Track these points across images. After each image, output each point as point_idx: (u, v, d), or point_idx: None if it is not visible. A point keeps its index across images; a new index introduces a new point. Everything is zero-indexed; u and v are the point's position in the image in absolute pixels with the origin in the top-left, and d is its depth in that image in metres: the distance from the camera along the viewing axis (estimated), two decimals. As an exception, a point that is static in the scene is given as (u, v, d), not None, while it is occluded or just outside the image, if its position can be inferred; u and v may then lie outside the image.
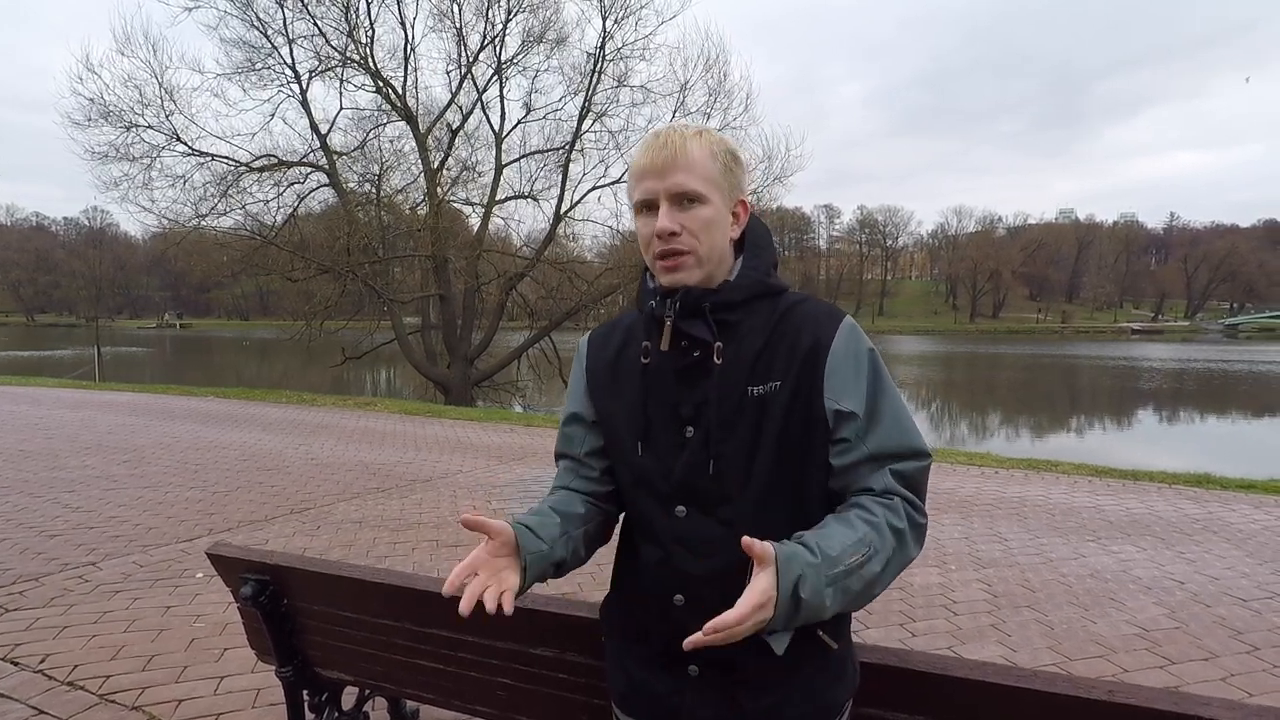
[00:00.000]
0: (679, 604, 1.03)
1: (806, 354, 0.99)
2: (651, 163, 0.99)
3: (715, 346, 1.00)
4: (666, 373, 1.04)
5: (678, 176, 0.98)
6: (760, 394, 0.99)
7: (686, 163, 0.98)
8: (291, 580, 1.83)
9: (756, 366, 1.00)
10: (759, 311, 1.04)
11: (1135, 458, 9.87)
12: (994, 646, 3.18)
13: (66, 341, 50.98)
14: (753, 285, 1.04)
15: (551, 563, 1.01)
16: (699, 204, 0.99)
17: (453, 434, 8.89)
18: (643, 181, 1.00)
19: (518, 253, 18.43)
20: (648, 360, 1.06)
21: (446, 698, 1.78)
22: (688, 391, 1.02)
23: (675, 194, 0.98)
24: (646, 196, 1.00)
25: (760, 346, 1.01)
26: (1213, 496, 5.84)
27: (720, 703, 1.03)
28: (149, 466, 6.78)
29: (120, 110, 14.31)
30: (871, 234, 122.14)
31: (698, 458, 1.01)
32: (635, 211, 1.04)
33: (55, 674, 2.86)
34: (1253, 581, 3.95)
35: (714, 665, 1.03)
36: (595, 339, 1.19)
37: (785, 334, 1.01)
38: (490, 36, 16.28)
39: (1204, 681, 2.87)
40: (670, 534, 1.03)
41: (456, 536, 4.75)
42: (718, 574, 0.99)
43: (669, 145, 0.98)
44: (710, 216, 1.00)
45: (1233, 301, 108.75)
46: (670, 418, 1.03)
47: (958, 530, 4.89)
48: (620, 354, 1.12)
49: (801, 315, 1.03)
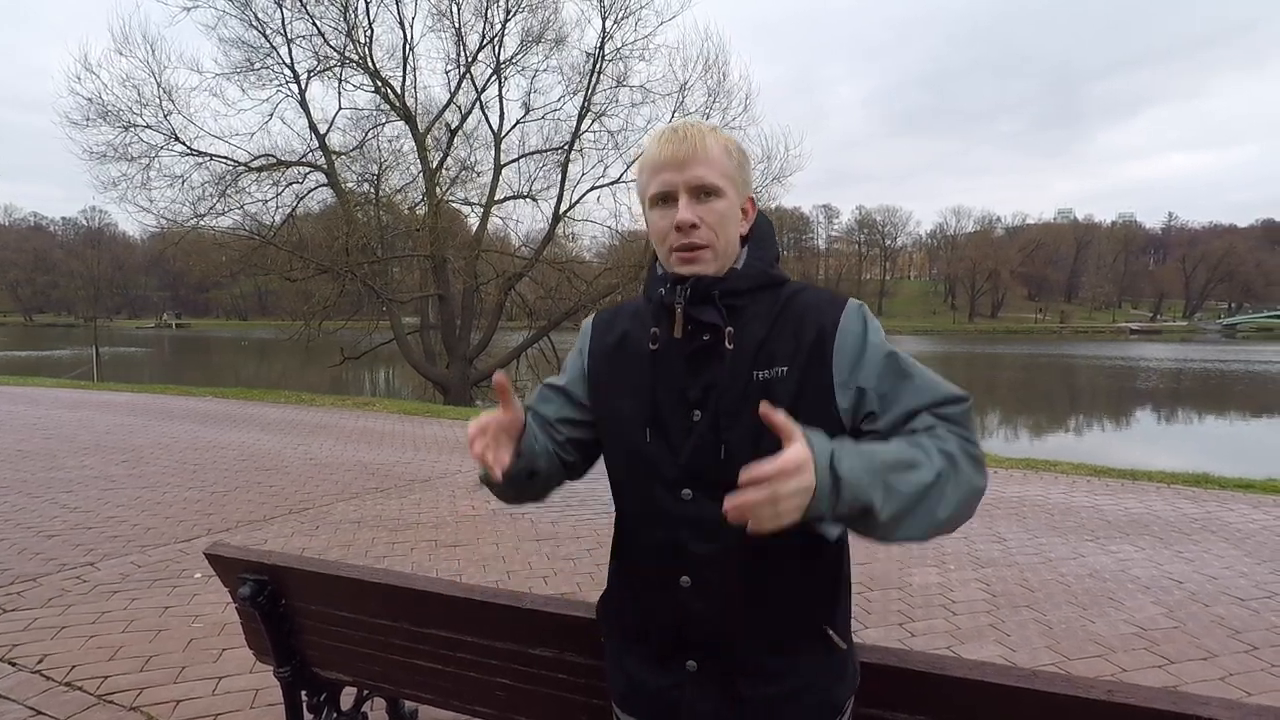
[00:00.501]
0: (685, 586, 1.03)
1: (813, 340, 1.00)
2: (672, 155, 0.99)
3: (726, 331, 1.02)
4: (675, 358, 1.05)
5: (697, 170, 0.99)
6: (765, 378, 1.00)
7: (705, 157, 0.99)
8: (290, 580, 1.83)
9: (761, 352, 1.01)
10: (762, 300, 1.05)
11: (1133, 458, 9.87)
12: (993, 646, 3.18)
13: (65, 341, 50.93)
14: (758, 275, 1.06)
15: (532, 467, 1.04)
16: (716, 197, 1.01)
17: (451, 434, 8.88)
18: (660, 174, 1.01)
19: (516, 253, 18.44)
20: (656, 346, 1.07)
21: (445, 698, 1.78)
22: (695, 376, 1.03)
23: (694, 187, 1.00)
24: (664, 189, 1.01)
25: (764, 333, 1.02)
26: (1211, 496, 5.85)
27: (720, 696, 1.04)
28: (147, 466, 6.77)
29: (118, 110, 14.32)
30: (870, 234, 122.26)
31: (705, 440, 1.01)
32: (649, 204, 1.05)
33: (53, 674, 2.85)
34: (1251, 581, 3.95)
35: (713, 659, 1.04)
36: (599, 323, 1.18)
37: (788, 320, 1.03)
38: (489, 36, 16.30)
39: (1202, 681, 2.87)
40: (677, 516, 1.04)
41: (455, 536, 4.75)
42: (723, 555, 1.01)
43: (688, 139, 0.99)
44: (726, 210, 1.02)
45: (1231, 301, 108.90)
46: (677, 402, 1.04)
47: (956, 530, 4.88)
48: (623, 340, 1.12)
49: (803, 303, 1.04)
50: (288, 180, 16.60)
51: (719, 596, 1.02)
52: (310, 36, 15.68)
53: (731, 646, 1.03)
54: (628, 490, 1.13)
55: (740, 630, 1.03)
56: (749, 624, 1.03)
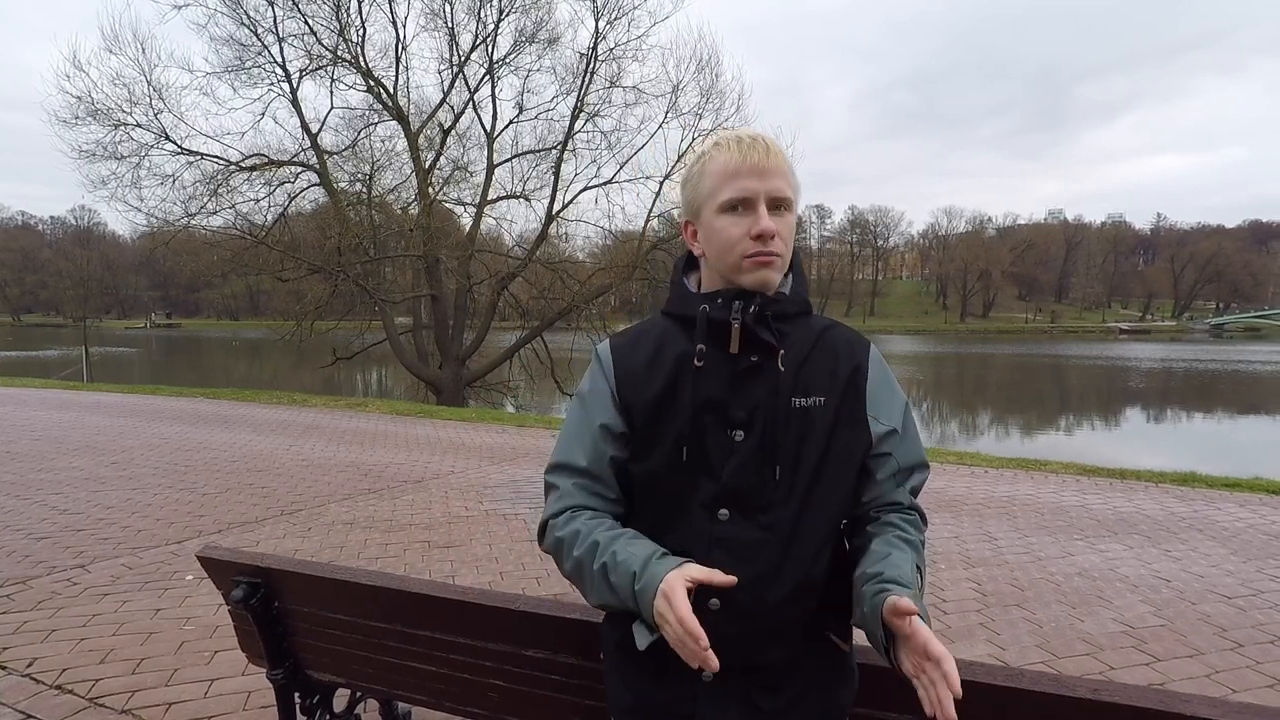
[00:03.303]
0: (714, 609, 1.00)
1: (850, 375, 1.05)
2: (754, 164, 0.99)
3: (780, 353, 1.03)
4: (721, 376, 1.03)
5: (777, 181, 1.00)
6: (804, 406, 1.02)
7: (781, 170, 1.01)
8: (283, 582, 1.83)
9: (799, 379, 1.03)
10: (801, 327, 1.08)
11: (1123, 457, 9.95)
12: (983, 645, 3.21)
13: (54, 342, 50.53)
14: (802, 302, 1.09)
15: None
16: (788, 212, 1.03)
17: (444, 435, 8.87)
18: (738, 179, 1.00)
19: (510, 253, 18.39)
20: (701, 363, 1.04)
21: (438, 700, 1.78)
22: (740, 396, 1.02)
23: (774, 198, 1.00)
24: (744, 195, 1.00)
25: (802, 360, 1.04)
26: (1199, 495, 5.90)
27: (738, 708, 1.02)
28: (138, 468, 6.73)
29: (108, 108, 14.17)
30: (862, 234, 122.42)
31: (748, 462, 1.01)
32: (720, 208, 1.02)
33: (43, 678, 2.84)
34: (1238, 579, 3.99)
35: (730, 669, 0.99)
36: (620, 347, 1.13)
37: (825, 352, 1.07)
38: (482, 36, 16.24)
39: (1189, 679, 2.90)
40: (710, 538, 1.02)
41: (448, 537, 4.74)
42: (755, 578, 1.00)
43: (771, 151, 1.00)
44: (793, 225, 1.04)
45: (1219, 301, 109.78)
46: (720, 422, 1.03)
47: (947, 529, 4.92)
48: (655, 360, 1.08)
49: (836, 338, 1.09)
50: (279, 180, 16.50)
51: (748, 618, 1.01)
52: (302, 35, 15.58)
53: (754, 665, 1.02)
54: (653, 509, 1.08)
55: (765, 648, 1.02)
56: (774, 642, 1.02)
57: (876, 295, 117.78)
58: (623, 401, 1.08)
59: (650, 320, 1.16)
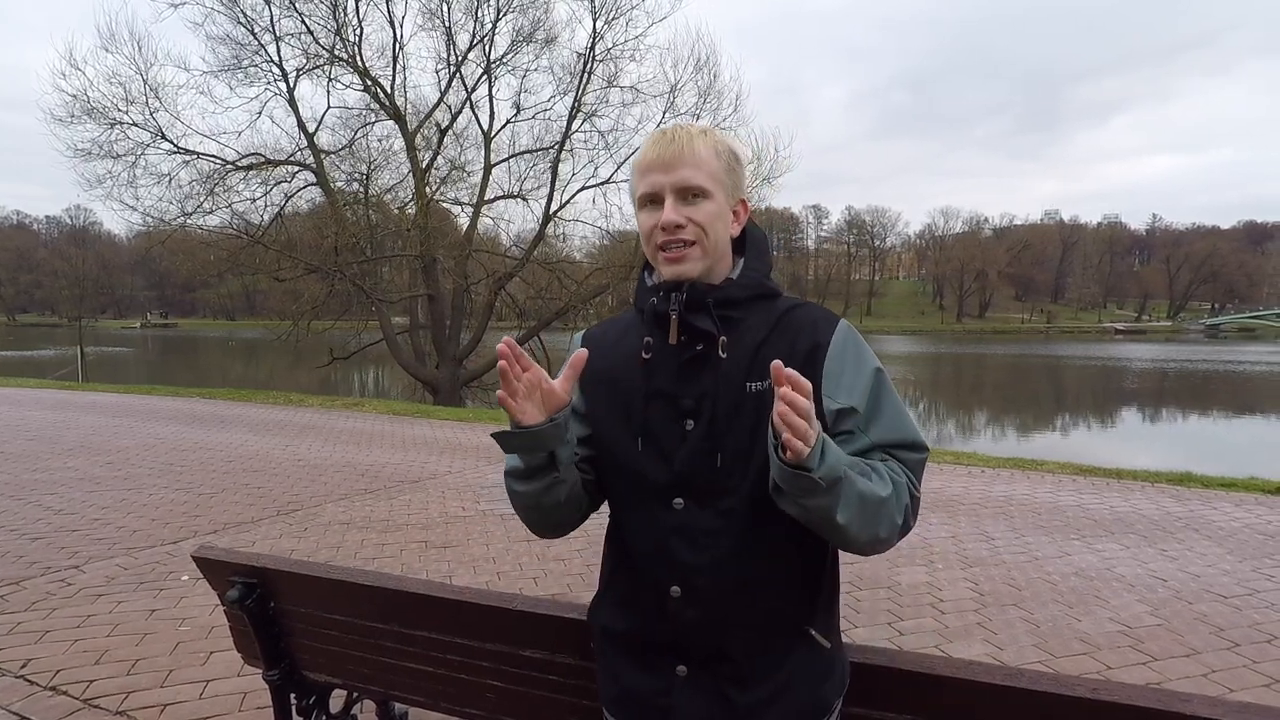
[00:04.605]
0: (676, 596, 1.03)
1: (806, 355, 1.02)
2: (659, 157, 1.01)
3: (720, 340, 1.02)
4: (668, 367, 1.05)
5: (684, 172, 1.00)
6: (759, 390, 1.00)
7: (693, 159, 1.01)
8: (279, 583, 1.82)
9: (755, 363, 1.02)
10: (758, 311, 1.06)
11: (1119, 457, 9.98)
12: (981, 645, 3.21)
13: (49, 342, 50.28)
14: (755, 285, 1.07)
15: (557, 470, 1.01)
16: (703, 199, 1.02)
17: (441, 434, 8.85)
18: (648, 175, 1.02)
19: (507, 253, 18.41)
20: (649, 355, 1.06)
21: (435, 700, 1.77)
22: (688, 385, 1.04)
23: (680, 188, 1.01)
24: (652, 190, 1.02)
25: (758, 344, 1.03)
26: (1195, 495, 5.92)
27: (710, 700, 1.04)
28: (133, 468, 6.70)
29: (104, 107, 14.16)
30: (859, 234, 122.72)
31: (698, 450, 1.02)
32: (638, 205, 1.06)
33: (37, 679, 2.82)
34: (1234, 579, 4.00)
35: (704, 663, 1.04)
36: (589, 338, 1.18)
37: (784, 334, 1.04)
38: (479, 36, 16.25)
39: (1186, 678, 2.91)
40: (668, 526, 1.04)
41: (445, 537, 4.73)
42: (714, 565, 1.02)
43: (676, 141, 1.01)
44: (713, 211, 1.03)
45: (1214, 302, 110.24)
46: (670, 411, 1.04)
47: (945, 529, 4.92)
48: (614, 351, 1.12)
49: (799, 318, 1.06)
50: (276, 179, 16.49)
51: (709, 605, 1.03)
52: (299, 34, 15.59)
53: (721, 653, 1.03)
54: (620, 499, 1.13)
55: (730, 637, 1.03)
56: (739, 630, 1.03)
57: (873, 295, 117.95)
58: (584, 389, 1.13)
59: (625, 314, 1.20)
